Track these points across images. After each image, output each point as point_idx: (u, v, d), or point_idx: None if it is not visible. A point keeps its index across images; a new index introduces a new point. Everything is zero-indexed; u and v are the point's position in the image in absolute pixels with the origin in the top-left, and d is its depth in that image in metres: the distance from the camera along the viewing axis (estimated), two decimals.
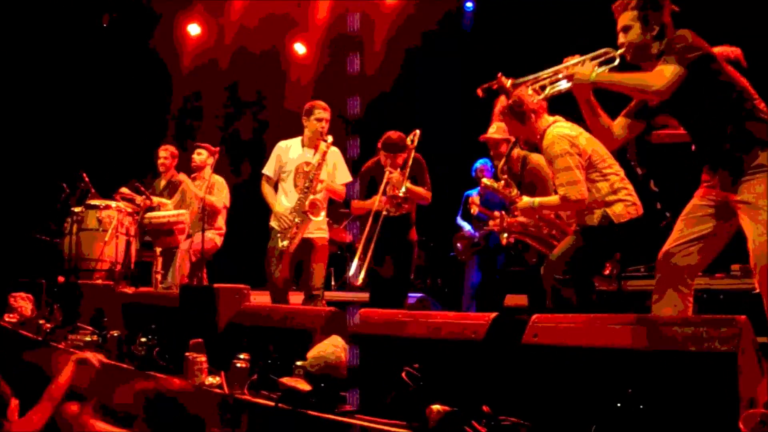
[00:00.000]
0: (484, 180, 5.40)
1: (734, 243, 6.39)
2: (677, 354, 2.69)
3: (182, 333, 4.73)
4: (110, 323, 6.07)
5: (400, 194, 6.03)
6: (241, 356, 4.08)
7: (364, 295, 6.94)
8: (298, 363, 3.80)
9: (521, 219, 5.11)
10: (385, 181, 6.13)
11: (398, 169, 6.16)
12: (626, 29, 3.83)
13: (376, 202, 6.10)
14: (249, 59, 11.52)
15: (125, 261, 8.10)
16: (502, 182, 5.19)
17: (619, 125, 4.03)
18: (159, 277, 7.80)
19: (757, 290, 3.81)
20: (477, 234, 7.92)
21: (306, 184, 6.24)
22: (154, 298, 6.13)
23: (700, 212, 3.84)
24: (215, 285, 5.09)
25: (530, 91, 4.05)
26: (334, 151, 6.48)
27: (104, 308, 6.46)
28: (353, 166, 6.72)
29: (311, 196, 6.18)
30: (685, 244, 3.83)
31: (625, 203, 4.69)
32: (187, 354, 4.37)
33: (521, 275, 6.03)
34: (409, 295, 7.19)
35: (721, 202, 3.76)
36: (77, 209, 8.28)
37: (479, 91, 4.41)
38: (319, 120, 6.37)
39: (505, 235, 5.25)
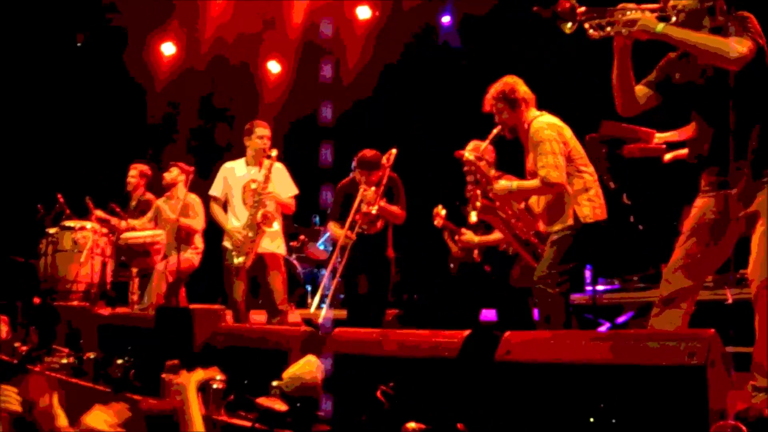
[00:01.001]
0: (466, 154, 5.30)
1: None
2: (648, 368, 2.71)
3: (158, 354, 4.72)
4: (86, 345, 6.05)
5: (373, 212, 6.07)
6: (218, 377, 4.07)
7: (342, 313, 6.95)
8: (274, 383, 3.80)
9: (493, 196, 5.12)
10: (358, 198, 6.17)
11: (373, 187, 6.19)
12: None
13: (346, 229, 6.16)
14: (223, 76, 11.56)
15: (101, 282, 8.07)
16: (483, 162, 5.23)
17: (639, 91, 3.92)
18: (135, 298, 7.77)
19: (730, 301, 3.87)
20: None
21: (255, 198, 6.28)
22: (130, 320, 6.10)
23: (704, 227, 3.77)
24: (191, 306, 5.09)
25: (593, 32, 3.78)
26: (278, 166, 6.54)
27: (80, 330, 6.43)
28: (327, 174, 6.76)
29: (262, 209, 6.21)
30: (689, 261, 3.78)
31: (592, 204, 4.86)
32: (163, 375, 4.36)
33: (493, 290, 6.04)
34: None
35: (724, 213, 3.70)
36: (52, 230, 8.25)
37: (536, 8, 4.03)
38: (261, 137, 6.47)
39: (474, 213, 5.25)
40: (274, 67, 11.76)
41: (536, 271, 4.87)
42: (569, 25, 3.68)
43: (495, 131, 5.12)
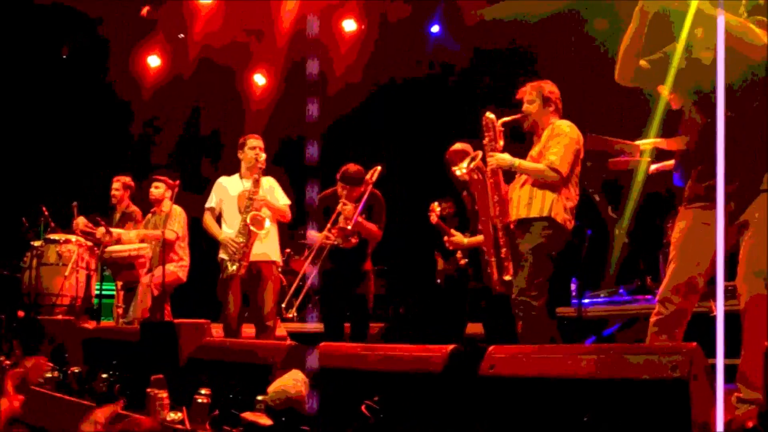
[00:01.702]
0: (488, 113, 5.27)
1: None
2: (631, 382, 2.72)
3: (143, 368, 4.70)
4: (71, 359, 6.02)
5: (348, 227, 6.08)
6: (203, 391, 4.06)
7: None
8: (260, 398, 3.79)
9: (490, 163, 5.13)
10: (336, 211, 6.19)
11: (353, 203, 6.20)
12: None
13: (324, 233, 6.17)
14: (209, 89, 11.58)
15: (85, 296, 8.04)
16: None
17: (641, 65, 3.87)
18: (120, 311, 7.74)
19: (714, 313, 3.87)
20: None
21: (246, 204, 6.28)
22: (114, 334, 6.09)
23: (695, 240, 3.75)
24: (176, 320, 5.08)
25: None
26: (268, 178, 6.60)
27: (65, 343, 6.40)
28: (312, 171, 6.78)
29: (252, 212, 6.22)
30: (684, 279, 3.76)
31: (566, 216, 4.98)
32: (148, 390, 4.34)
33: (480, 303, 6.05)
34: None
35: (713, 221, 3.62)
36: (37, 243, 8.22)
37: None
38: (253, 148, 6.50)
39: (465, 166, 5.27)
40: (259, 79, 11.76)
41: (516, 284, 4.88)
42: None
43: (517, 116, 5.20)
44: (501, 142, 5.17)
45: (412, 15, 10.21)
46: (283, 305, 6.14)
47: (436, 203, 6.23)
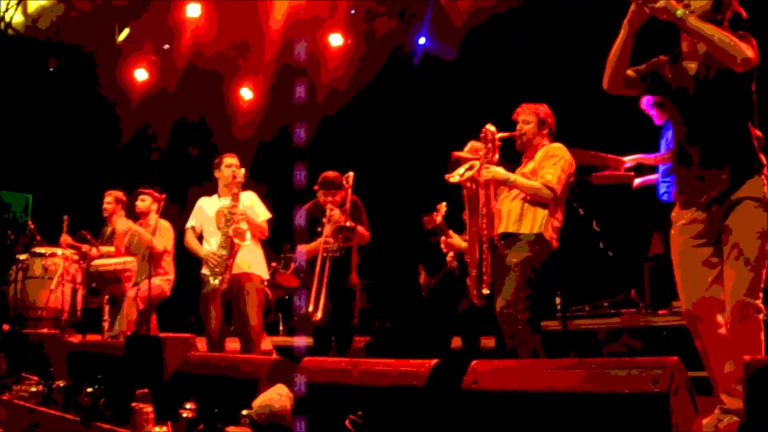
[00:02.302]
0: (488, 126, 5.26)
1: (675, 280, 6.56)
2: (613, 396, 2.75)
3: (128, 383, 4.70)
4: (56, 372, 6.00)
5: (347, 223, 6.11)
6: (188, 406, 4.06)
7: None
8: (244, 412, 3.80)
9: (484, 175, 5.11)
10: (327, 218, 6.21)
11: (338, 208, 6.25)
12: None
13: (323, 241, 6.18)
14: (196, 101, 11.61)
15: (71, 309, 8.02)
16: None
17: (628, 74, 3.95)
18: (106, 325, 7.72)
19: None
20: None
21: (227, 218, 6.30)
22: (99, 347, 6.07)
23: (695, 254, 3.80)
24: (161, 334, 5.08)
25: None
26: (248, 193, 6.61)
27: (50, 357, 6.38)
28: (299, 195, 6.79)
29: (234, 225, 6.23)
30: (700, 296, 3.77)
31: (553, 236, 5.00)
32: (133, 404, 4.33)
33: (464, 317, 6.06)
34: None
35: (709, 230, 3.75)
36: (22, 257, 8.20)
37: None
38: (229, 166, 6.51)
39: (459, 173, 5.28)
40: (246, 93, 11.79)
41: (502, 297, 4.89)
42: None
43: (515, 133, 5.22)
44: (497, 156, 5.20)
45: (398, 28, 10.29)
46: (311, 308, 6.08)
47: (443, 204, 6.23)
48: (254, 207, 6.56)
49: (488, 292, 5.00)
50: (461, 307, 6.00)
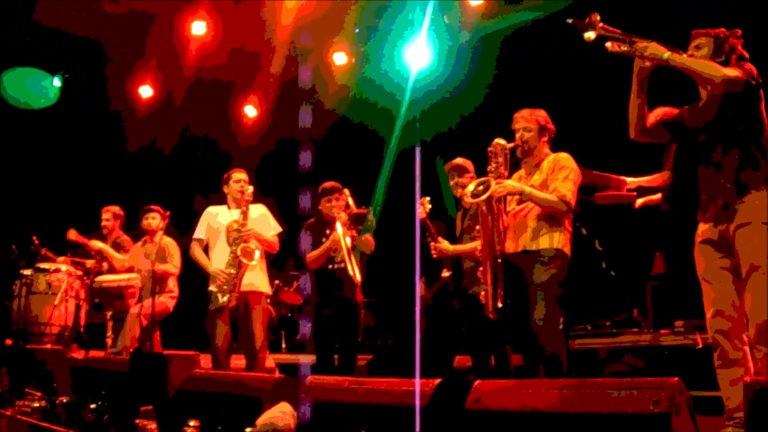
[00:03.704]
0: (498, 140, 5.20)
1: (677, 300, 6.58)
2: (615, 416, 2.77)
3: (133, 399, 4.72)
4: (60, 388, 6.01)
5: (370, 216, 6.16)
6: (191, 423, 4.08)
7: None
8: (248, 430, 3.82)
9: (499, 191, 5.04)
10: (334, 224, 6.19)
11: (343, 212, 6.26)
12: (698, 47, 4.10)
13: (330, 240, 6.21)
14: (202, 118, 11.65)
15: (75, 325, 8.03)
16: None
17: (652, 121, 4.22)
18: (109, 341, 7.73)
19: (700, 346, 4.00)
20: None
21: (235, 236, 6.32)
22: (104, 364, 6.09)
23: (715, 268, 3.98)
24: (165, 351, 5.09)
25: (609, 44, 4.08)
26: (259, 206, 6.64)
27: (53, 373, 6.39)
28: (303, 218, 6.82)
29: (242, 244, 6.26)
30: (722, 307, 3.93)
31: (570, 248, 5.02)
32: (137, 421, 4.36)
33: (468, 335, 6.05)
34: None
35: (725, 243, 3.93)
36: (27, 272, 8.22)
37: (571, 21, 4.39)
38: (237, 181, 6.54)
39: (471, 189, 5.17)
40: (250, 111, 11.84)
41: (536, 316, 4.84)
42: (589, 33, 4.09)
43: (518, 142, 5.18)
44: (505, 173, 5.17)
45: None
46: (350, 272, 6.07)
47: (426, 198, 6.13)
48: (264, 220, 6.59)
49: (501, 305, 4.97)
50: (463, 324, 5.99)
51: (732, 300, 3.89)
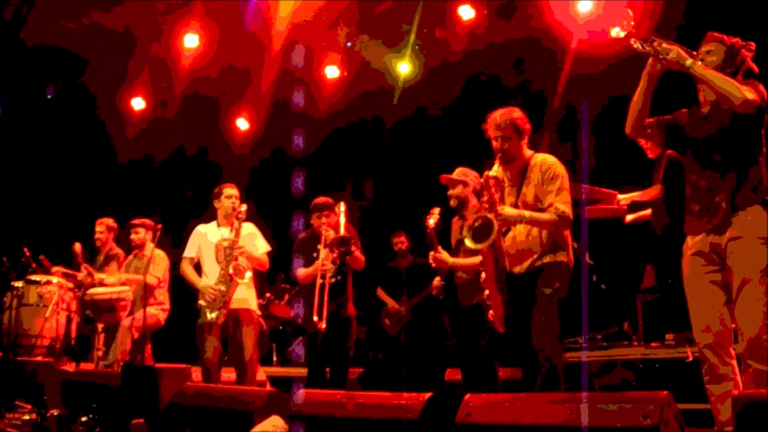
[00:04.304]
0: (490, 173, 4.86)
1: (668, 313, 6.60)
2: (606, 430, 2.79)
3: (124, 412, 4.71)
4: (50, 401, 5.99)
5: (344, 233, 6.14)
6: None
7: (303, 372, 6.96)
8: None
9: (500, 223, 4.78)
10: (323, 240, 6.24)
11: (331, 230, 6.28)
12: (709, 53, 4.12)
13: (320, 260, 6.23)
14: (194, 131, 11.65)
15: (66, 337, 8.01)
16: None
17: (648, 123, 4.23)
18: (100, 354, 7.71)
19: (690, 359, 4.02)
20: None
21: (226, 253, 6.33)
22: (95, 376, 6.06)
23: (703, 281, 4.00)
24: (157, 365, 5.07)
25: (633, 41, 4.04)
26: (249, 225, 6.62)
27: (44, 385, 6.37)
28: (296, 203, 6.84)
29: (233, 262, 6.27)
30: (709, 321, 3.95)
31: (571, 257, 4.94)
32: None
33: (458, 349, 6.05)
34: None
35: (715, 257, 3.95)
36: (18, 284, 8.20)
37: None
38: (229, 197, 6.55)
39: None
40: (242, 124, 11.85)
41: (542, 327, 4.76)
42: (617, 30, 4.06)
43: (499, 161, 4.92)
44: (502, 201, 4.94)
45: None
46: (315, 318, 6.07)
47: (437, 208, 6.03)
48: (255, 239, 6.59)
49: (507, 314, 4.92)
50: (454, 338, 5.99)
51: (720, 314, 3.91)
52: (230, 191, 6.58)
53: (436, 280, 6.02)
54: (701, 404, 4.03)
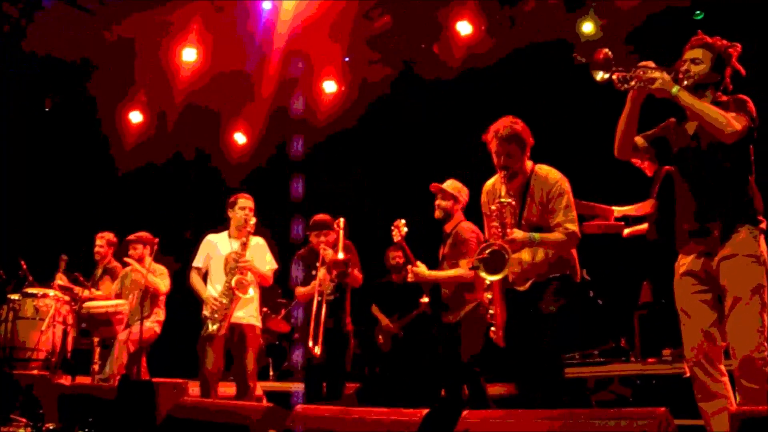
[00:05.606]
0: (503, 200, 4.73)
1: (665, 329, 6.60)
2: None
3: (120, 426, 4.70)
4: (46, 415, 5.97)
5: (341, 257, 6.12)
6: None
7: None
8: None
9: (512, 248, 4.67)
10: (321, 259, 6.24)
11: (330, 249, 6.27)
12: (696, 62, 4.07)
13: (317, 280, 6.22)
14: (190, 144, 11.68)
15: (62, 351, 7.99)
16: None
17: (636, 140, 4.19)
18: (96, 367, 7.69)
19: (688, 374, 4.02)
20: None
21: (231, 266, 6.33)
22: (91, 390, 6.05)
23: (693, 300, 4.01)
24: (154, 379, 5.06)
25: (616, 77, 3.97)
26: (259, 240, 6.65)
27: (40, 399, 6.35)
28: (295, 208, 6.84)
29: (237, 275, 6.26)
30: (700, 340, 3.94)
31: (577, 270, 4.93)
32: None
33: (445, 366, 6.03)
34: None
35: (706, 278, 3.96)
36: (14, 297, 8.19)
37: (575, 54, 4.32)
38: (243, 208, 6.56)
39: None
40: (240, 138, 11.86)
41: (547, 343, 4.72)
42: (601, 74, 3.99)
43: (502, 177, 4.78)
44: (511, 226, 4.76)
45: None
46: (310, 343, 6.05)
47: (402, 220, 6.05)
48: (261, 253, 6.59)
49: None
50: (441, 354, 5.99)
51: (710, 333, 3.91)
52: (245, 202, 6.57)
53: (423, 297, 6.04)
54: (699, 420, 4.03)
